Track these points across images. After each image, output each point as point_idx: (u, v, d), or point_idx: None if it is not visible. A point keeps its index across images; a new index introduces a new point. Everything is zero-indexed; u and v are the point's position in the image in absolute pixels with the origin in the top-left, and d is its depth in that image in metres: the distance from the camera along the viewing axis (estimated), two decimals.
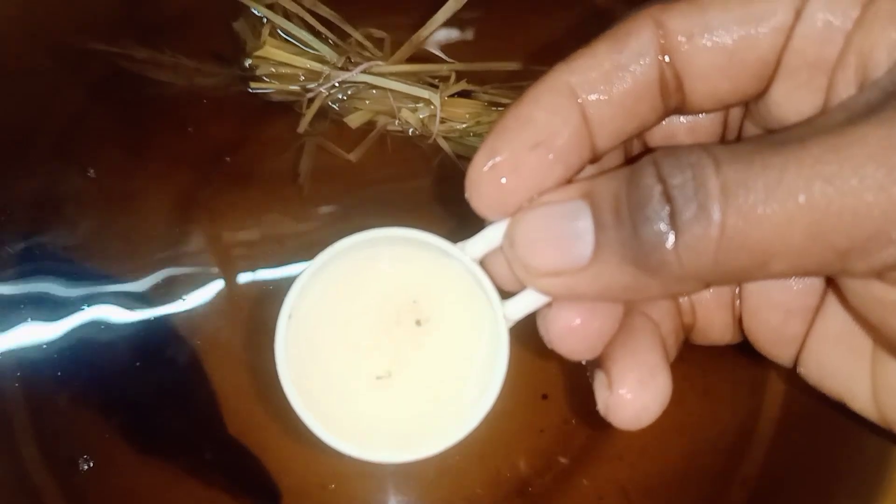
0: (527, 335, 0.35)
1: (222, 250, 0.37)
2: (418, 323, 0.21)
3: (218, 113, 0.37)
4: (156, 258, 0.36)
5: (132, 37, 0.37)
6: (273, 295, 0.36)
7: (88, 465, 0.33)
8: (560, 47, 0.39)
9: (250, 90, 0.37)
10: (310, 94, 0.36)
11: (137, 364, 0.34)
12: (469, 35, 0.38)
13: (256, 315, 0.36)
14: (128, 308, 0.35)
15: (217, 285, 0.36)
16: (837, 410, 0.25)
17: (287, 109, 0.37)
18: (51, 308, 0.35)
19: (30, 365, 0.34)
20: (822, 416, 0.35)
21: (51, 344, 0.34)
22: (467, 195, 0.19)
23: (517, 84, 0.37)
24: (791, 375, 0.35)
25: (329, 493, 0.33)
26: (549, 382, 0.36)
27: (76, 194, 0.37)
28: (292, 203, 0.37)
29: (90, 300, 0.35)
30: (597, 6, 0.41)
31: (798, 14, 0.17)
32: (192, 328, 0.35)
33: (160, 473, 0.33)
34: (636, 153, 0.21)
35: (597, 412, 0.35)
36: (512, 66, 0.37)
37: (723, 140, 0.21)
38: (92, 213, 0.37)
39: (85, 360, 0.34)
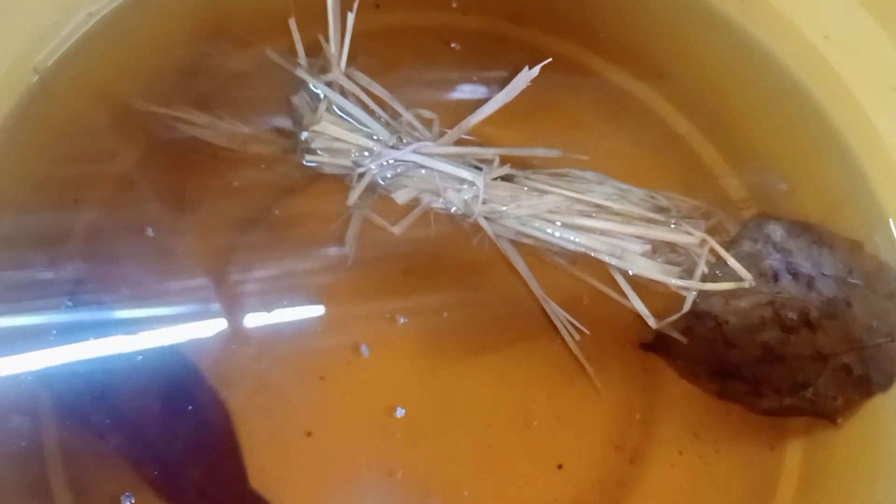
0: (540, 401, 0.37)
1: (259, 304, 0.38)
2: None
3: (270, 180, 0.39)
4: (192, 307, 0.37)
5: (192, 101, 0.39)
6: (303, 355, 0.37)
7: None
8: (591, 129, 0.42)
9: (304, 161, 0.38)
10: (360, 169, 0.37)
11: (168, 414, 0.35)
12: (513, 115, 0.40)
13: (284, 371, 0.37)
14: (160, 356, 0.36)
15: (250, 338, 0.37)
16: None
17: (337, 181, 0.39)
18: (85, 351, 0.36)
19: (69, 413, 0.35)
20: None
21: (87, 393, 0.35)
22: None
23: (555, 170, 0.39)
24: (806, 461, 0.36)
25: None
26: (565, 453, 0.37)
27: (122, 243, 0.38)
28: (334, 269, 0.39)
29: (122, 346, 0.36)
30: (619, 89, 0.43)
31: None
32: (221, 380, 0.36)
33: None
34: None
35: (610, 485, 0.36)
36: (552, 152, 0.39)
37: None
38: (135, 263, 0.38)
39: (119, 409, 0.35)
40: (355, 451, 0.36)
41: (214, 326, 0.37)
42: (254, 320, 0.37)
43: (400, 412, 0.37)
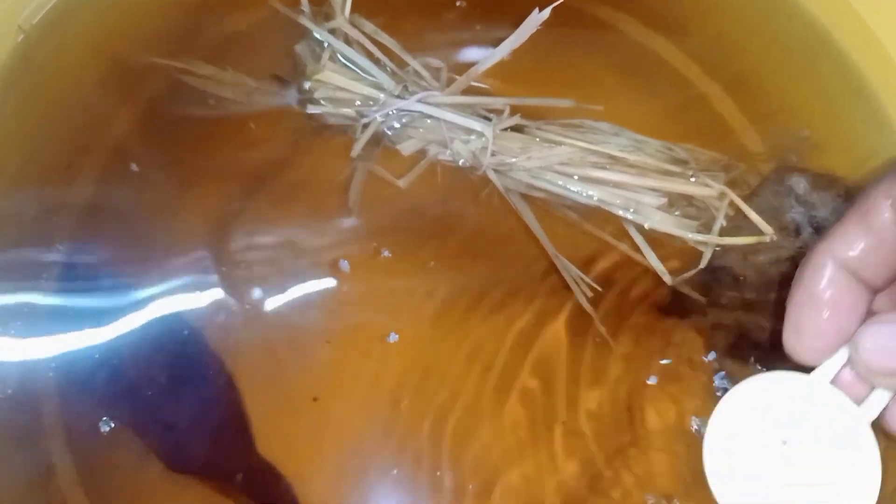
0: (552, 362, 0.35)
1: (263, 269, 0.37)
2: (784, 443, 0.27)
3: (274, 131, 0.38)
4: (195, 274, 0.36)
5: (195, 53, 0.38)
6: (309, 317, 0.36)
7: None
8: (604, 83, 0.40)
9: (307, 112, 0.37)
10: (365, 120, 0.36)
11: (172, 381, 0.35)
12: (523, 70, 0.39)
13: (289, 336, 0.36)
14: (164, 324, 0.35)
15: (254, 304, 0.36)
16: None
17: (341, 133, 0.38)
18: (88, 322, 0.35)
19: (66, 380, 0.34)
20: None
21: (87, 360, 0.35)
22: (793, 354, 0.27)
23: (568, 121, 0.38)
24: None
25: None
26: (577, 415, 0.36)
27: (125, 204, 0.37)
28: (338, 224, 0.38)
29: (126, 314, 0.35)
30: (631, 40, 0.41)
31: None
32: (227, 347, 0.35)
33: (193, 493, 0.34)
34: None
35: (622, 449, 0.35)
36: (565, 102, 0.37)
37: None
38: (137, 224, 0.37)
39: (121, 376, 0.35)
40: (362, 416, 0.35)
41: (218, 293, 0.36)
42: (258, 285, 0.37)
43: (408, 373, 0.36)
